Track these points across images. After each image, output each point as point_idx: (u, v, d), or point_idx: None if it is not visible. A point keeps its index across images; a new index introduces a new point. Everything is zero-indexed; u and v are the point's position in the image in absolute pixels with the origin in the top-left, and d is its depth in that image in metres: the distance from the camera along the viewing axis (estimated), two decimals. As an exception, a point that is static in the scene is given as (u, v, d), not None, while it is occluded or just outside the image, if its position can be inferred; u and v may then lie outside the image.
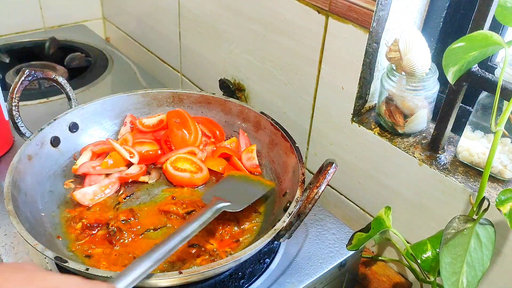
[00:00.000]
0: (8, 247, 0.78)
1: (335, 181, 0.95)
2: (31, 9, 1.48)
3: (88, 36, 1.52)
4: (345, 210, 0.96)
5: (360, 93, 0.85)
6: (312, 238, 0.82)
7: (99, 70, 1.33)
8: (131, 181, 0.86)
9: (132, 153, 0.88)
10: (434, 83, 0.78)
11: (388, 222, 0.76)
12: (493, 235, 0.63)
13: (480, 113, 0.74)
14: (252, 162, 0.90)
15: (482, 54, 0.64)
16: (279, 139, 0.87)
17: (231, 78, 1.12)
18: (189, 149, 0.90)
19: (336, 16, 0.82)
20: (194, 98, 0.97)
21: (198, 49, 1.20)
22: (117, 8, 1.54)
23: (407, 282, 0.86)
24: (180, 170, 0.86)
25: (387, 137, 0.83)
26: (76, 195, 0.81)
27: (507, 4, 0.63)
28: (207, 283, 0.73)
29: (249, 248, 0.65)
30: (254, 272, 0.75)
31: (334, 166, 0.68)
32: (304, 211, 0.68)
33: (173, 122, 0.92)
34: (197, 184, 0.87)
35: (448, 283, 0.61)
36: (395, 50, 0.76)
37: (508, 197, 0.62)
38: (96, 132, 0.93)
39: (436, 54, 0.84)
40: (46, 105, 1.16)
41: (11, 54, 1.38)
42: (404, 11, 0.80)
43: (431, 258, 0.75)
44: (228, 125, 0.96)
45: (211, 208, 0.71)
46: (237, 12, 1.02)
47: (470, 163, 0.76)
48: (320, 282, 0.77)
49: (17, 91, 0.84)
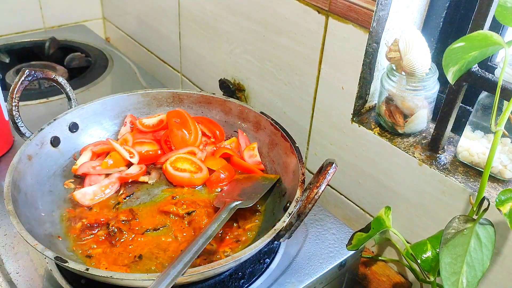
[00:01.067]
0: (8, 247, 0.78)
1: (335, 181, 0.95)
2: (31, 9, 1.48)
3: (88, 36, 1.52)
4: (345, 210, 0.96)
5: (360, 93, 0.85)
6: (312, 238, 0.82)
7: (99, 70, 1.33)
8: (131, 181, 0.86)
9: (132, 153, 0.88)
10: (434, 83, 0.78)
11: (388, 222, 0.76)
12: (493, 235, 0.63)
13: (480, 113, 0.73)
14: (254, 159, 0.90)
15: (482, 54, 0.64)
16: (279, 139, 0.87)
17: (231, 78, 1.12)
18: (189, 149, 0.90)
19: (336, 16, 0.82)
20: (194, 98, 0.97)
21: (198, 49, 1.20)
22: (117, 8, 1.54)
23: (407, 282, 0.86)
24: (179, 170, 0.86)
25: (387, 137, 0.83)
26: (76, 195, 0.81)
27: (507, 4, 0.63)
28: (207, 283, 0.73)
29: (249, 248, 0.65)
30: (254, 272, 0.75)
31: (334, 166, 0.68)
32: (304, 211, 0.68)
33: (173, 122, 0.92)
34: (197, 184, 0.86)
35: (448, 283, 0.61)
36: (395, 50, 0.76)
37: (508, 197, 0.62)
38: (96, 132, 0.93)
39: (436, 54, 0.84)
40: (46, 105, 1.16)
41: (11, 54, 1.38)
42: (404, 11, 0.80)
43: (431, 258, 0.75)
44: (228, 125, 0.96)
45: (227, 208, 0.74)
46: (237, 12, 1.02)
47: (470, 163, 0.76)
48: (320, 282, 0.77)
49: (17, 91, 0.84)
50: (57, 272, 0.74)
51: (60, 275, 0.73)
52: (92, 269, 0.61)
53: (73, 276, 0.73)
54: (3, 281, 0.73)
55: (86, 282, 0.72)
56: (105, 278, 0.61)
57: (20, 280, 0.73)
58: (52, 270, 0.74)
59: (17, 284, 0.72)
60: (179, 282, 0.63)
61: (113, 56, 1.41)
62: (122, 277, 0.61)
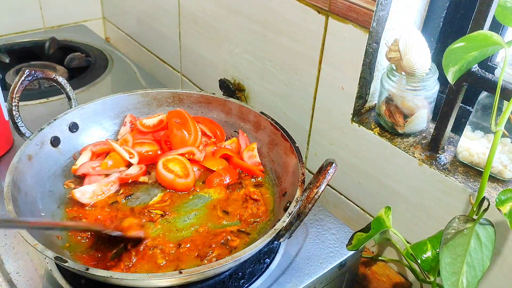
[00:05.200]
0: (8, 247, 0.78)
1: (335, 181, 0.95)
2: (31, 9, 1.48)
3: (88, 36, 1.52)
4: (345, 210, 0.96)
5: (360, 93, 0.85)
6: (312, 238, 0.82)
7: (99, 70, 1.33)
8: (131, 181, 0.86)
9: (132, 153, 0.88)
10: (434, 83, 0.78)
11: (388, 222, 0.76)
12: (493, 235, 0.63)
13: (480, 113, 0.74)
14: (254, 160, 0.90)
15: (482, 54, 0.65)
16: (279, 139, 0.87)
17: (231, 78, 1.12)
18: (188, 149, 0.90)
19: (336, 16, 0.82)
20: (194, 98, 0.97)
21: (198, 49, 1.20)
22: (117, 8, 1.54)
23: (407, 282, 0.86)
24: (168, 170, 0.85)
25: (387, 137, 0.83)
26: (75, 193, 0.81)
27: (507, 4, 0.63)
28: (207, 283, 0.73)
29: (249, 248, 0.65)
30: (254, 272, 0.75)
31: (334, 166, 0.68)
32: (304, 211, 0.68)
33: (173, 122, 0.92)
34: (177, 189, 0.84)
35: (448, 283, 0.61)
36: (395, 50, 0.76)
37: (508, 197, 0.62)
38: (96, 132, 0.93)
39: (436, 54, 0.84)
40: (46, 105, 1.16)
41: (11, 54, 1.38)
42: (404, 11, 0.80)
43: (431, 258, 0.75)
44: (228, 125, 0.96)
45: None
46: (237, 12, 1.02)
47: (470, 163, 0.76)
48: (320, 282, 0.77)
49: (17, 91, 0.84)
50: (57, 272, 0.74)
51: (60, 275, 0.73)
52: (92, 269, 0.61)
53: (73, 276, 0.72)
54: (3, 281, 0.73)
55: (86, 282, 0.72)
56: (105, 278, 0.61)
57: (20, 280, 0.73)
58: (52, 270, 0.74)
59: (17, 284, 0.72)
60: (179, 282, 0.64)
61: (113, 56, 1.41)
62: (122, 277, 0.61)
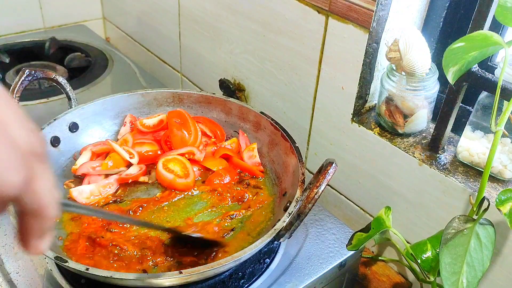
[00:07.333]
0: (8, 247, 0.78)
1: (335, 181, 0.95)
2: (31, 9, 1.48)
3: (88, 36, 1.52)
4: (345, 210, 0.96)
5: (360, 93, 0.85)
6: (312, 238, 0.82)
7: (99, 70, 1.33)
8: (131, 181, 0.86)
9: (132, 153, 0.88)
10: (434, 83, 0.78)
11: (388, 222, 0.76)
12: (493, 235, 0.63)
13: (480, 113, 0.73)
14: (254, 160, 0.90)
15: (482, 54, 0.64)
16: (279, 139, 0.87)
17: (231, 78, 1.12)
18: (188, 149, 0.90)
19: (336, 16, 0.82)
20: (194, 98, 0.97)
21: (198, 49, 1.20)
22: (117, 8, 1.54)
23: (407, 282, 0.86)
24: (168, 170, 0.85)
25: (387, 137, 0.83)
26: (73, 192, 0.80)
27: (507, 4, 0.63)
28: (207, 283, 0.73)
29: (249, 248, 0.65)
30: (254, 272, 0.75)
31: (334, 166, 0.68)
32: (304, 211, 0.68)
33: (174, 122, 0.92)
34: (177, 189, 0.84)
35: (448, 283, 0.61)
36: (395, 50, 0.76)
37: (508, 197, 0.62)
38: (96, 132, 0.93)
39: (436, 54, 0.84)
40: (46, 105, 1.16)
41: (11, 54, 1.38)
42: (404, 11, 0.80)
43: (431, 258, 0.75)
44: (228, 125, 0.96)
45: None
46: (237, 12, 1.02)
47: (470, 163, 0.76)
48: (320, 282, 0.77)
49: (17, 91, 0.84)
50: (57, 272, 0.74)
51: (60, 275, 0.73)
52: (92, 269, 0.61)
53: (73, 276, 0.72)
54: (3, 281, 0.73)
55: (86, 282, 0.72)
56: (105, 278, 0.61)
57: (20, 280, 0.73)
58: (52, 270, 0.74)
59: (17, 284, 0.72)
60: (179, 282, 0.64)
61: (113, 56, 1.41)
62: (122, 277, 0.61)
